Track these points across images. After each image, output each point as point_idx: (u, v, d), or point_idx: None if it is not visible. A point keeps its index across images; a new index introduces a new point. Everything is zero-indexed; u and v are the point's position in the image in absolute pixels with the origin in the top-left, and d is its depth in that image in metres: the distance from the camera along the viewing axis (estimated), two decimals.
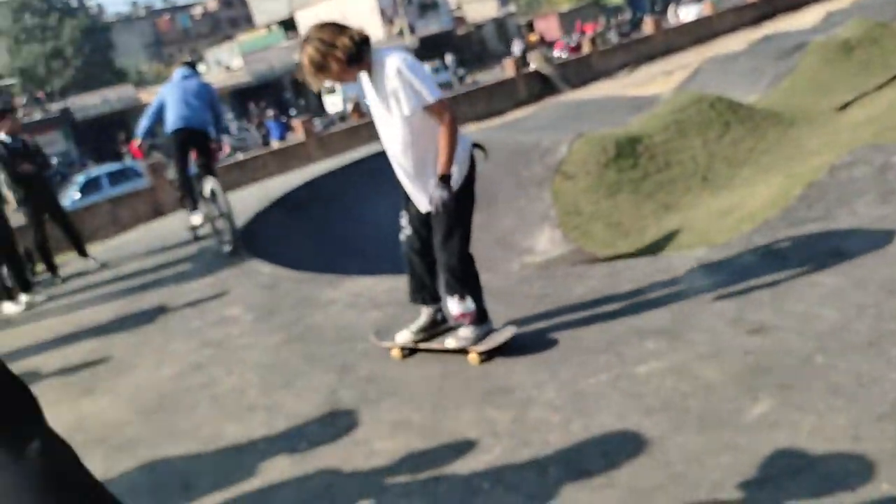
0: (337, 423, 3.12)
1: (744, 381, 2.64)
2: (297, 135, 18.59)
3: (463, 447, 2.68)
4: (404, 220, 3.39)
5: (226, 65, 42.32)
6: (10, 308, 6.52)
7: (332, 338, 4.11)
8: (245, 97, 35.02)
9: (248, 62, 36.70)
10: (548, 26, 45.11)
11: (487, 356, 3.25)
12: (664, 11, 41.64)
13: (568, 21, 43.99)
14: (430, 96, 2.94)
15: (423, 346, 3.48)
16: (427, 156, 3.09)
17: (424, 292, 3.45)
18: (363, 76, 3.08)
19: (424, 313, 3.49)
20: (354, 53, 2.92)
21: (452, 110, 3.03)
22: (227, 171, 16.67)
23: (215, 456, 3.12)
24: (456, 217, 3.13)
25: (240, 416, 3.42)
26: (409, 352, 3.52)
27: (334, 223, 8.80)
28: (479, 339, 3.27)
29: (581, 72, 26.02)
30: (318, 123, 23.20)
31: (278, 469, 2.88)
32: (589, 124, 11.43)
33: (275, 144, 19.59)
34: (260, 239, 7.39)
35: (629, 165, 9.29)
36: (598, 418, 2.62)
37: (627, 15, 42.82)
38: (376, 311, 4.35)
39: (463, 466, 2.56)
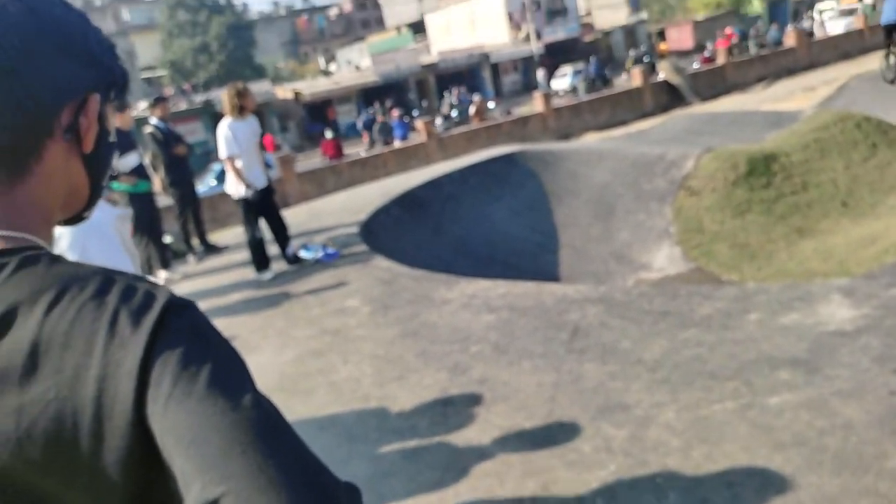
0: (447, 423, 3.15)
1: (888, 423, 2.43)
2: (420, 135, 18.96)
3: (576, 460, 2.63)
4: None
5: (355, 64, 43.81)
6: None
7: (446, 337, 4.16)
8: (371, 96, 36.09)
9: (376, 63, 37.69)
10: (681, 35, 43.38)
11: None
12: (798, 20, 39.03)
13: (703, 30, 42.16)
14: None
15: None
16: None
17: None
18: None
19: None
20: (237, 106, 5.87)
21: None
22: (349, 168, 17.23)
23: (331, 440, 3.23)
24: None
25: (354, 405, 3.52)
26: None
27: (451, 223, 8.90)
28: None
29: (713, 83, 24.87)
30: (439, 124, 23.53)
31: (389, 461, 2.94)
32: (719, 139, 10.96)
33: (397, 144, 20.11)
34: (379, 234, 7.58)
35: (761, 185, 8.81)
36: (723, 447, 2.50)
37: (765, 25, 40.40)
38: (490, 315, 4.36)
39: (575, 480, 2.51)
